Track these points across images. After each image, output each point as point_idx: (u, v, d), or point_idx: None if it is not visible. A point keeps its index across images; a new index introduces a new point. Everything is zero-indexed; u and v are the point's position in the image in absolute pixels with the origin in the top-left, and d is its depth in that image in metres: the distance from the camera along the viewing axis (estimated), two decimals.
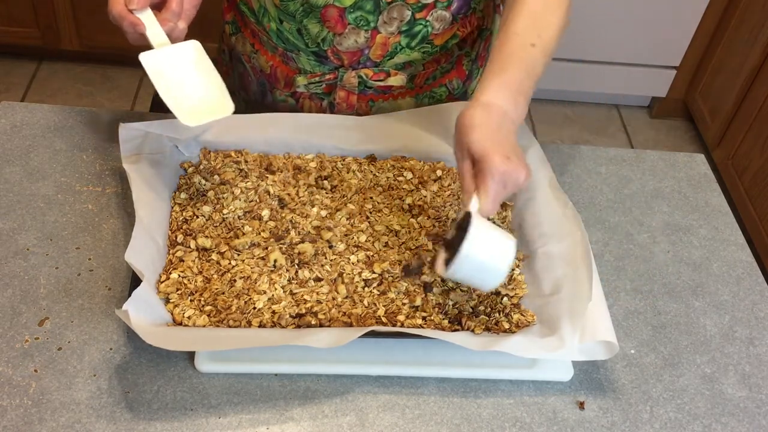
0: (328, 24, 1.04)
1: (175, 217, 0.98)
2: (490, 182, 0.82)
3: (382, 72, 1.10)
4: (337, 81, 1.12)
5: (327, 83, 1.12)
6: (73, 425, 0.80)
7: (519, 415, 0.87)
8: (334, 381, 0.88)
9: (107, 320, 0.90)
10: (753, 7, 2.50)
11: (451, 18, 1.08)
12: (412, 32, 1.06)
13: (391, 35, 1.06)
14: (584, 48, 2.74)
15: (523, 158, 0.85)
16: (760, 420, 0.90)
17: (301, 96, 1.17)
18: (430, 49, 1.10)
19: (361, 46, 1.06)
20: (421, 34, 1.07)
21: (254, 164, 1.06)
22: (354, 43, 1.06)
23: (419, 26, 1.06)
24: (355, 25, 1.04)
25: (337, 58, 1.09)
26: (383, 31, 1.05)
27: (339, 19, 1.03)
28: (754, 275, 1.08)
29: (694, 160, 1.27)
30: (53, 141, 1.13)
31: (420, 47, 1.09)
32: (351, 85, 1.11)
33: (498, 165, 0.81)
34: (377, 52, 1.08)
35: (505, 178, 0.82)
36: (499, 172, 0.81)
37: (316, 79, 1.12)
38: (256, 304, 0.88)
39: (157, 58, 0.90)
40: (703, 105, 2.79)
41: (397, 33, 1.06)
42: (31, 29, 2.66)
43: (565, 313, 0.87)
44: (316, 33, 1.06)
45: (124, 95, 2.79)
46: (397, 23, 1.04)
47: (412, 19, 1.05)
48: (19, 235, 0.99)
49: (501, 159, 0.81)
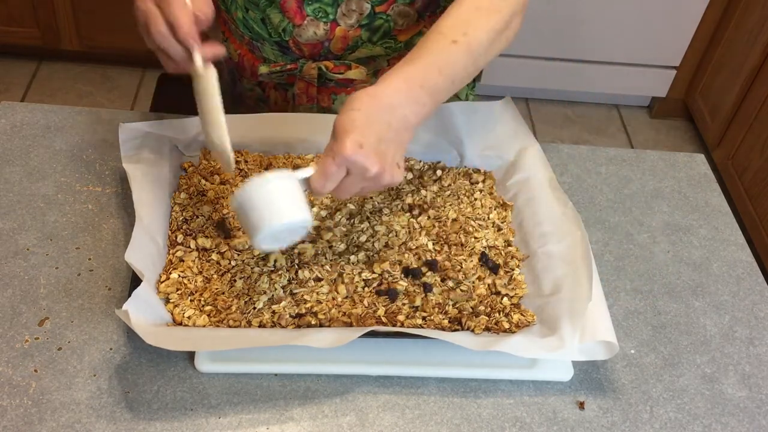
0: (288, 14, 1.04)
1: (175, 217, 0.98)
2: (328, 159, 0.77)
3: (342, 65, 1.10)
4: (297, 72, 1.12)
5: (288, 74, 1.12)
6: (73, 425, 0.80)
7: (519, 415, 0.87)
8: (334, 381, 0.88)
9: (107, 320, 0.90)
10: (753, 8, 2.50)
11: (416, 15, 1.07)
12: (373, 26, 1.05)
13: (351, 28, 1.05)
14: (584, 48, 2.74)
15: (391, 157, 0.79)
16: (760, 420, 0.90)
17: (267, 86, 1.17)
18: (394, 44, 1.09)
19: (320, 38, 1.06)
20: (382, 29, 1.06)
21: (254, 164, 1.06)
22: (313, 35, 1.06)
23: (380, 20, 1.05)
24: (313, 16, 1.03)
25: (299, 50, 1.09)
26: (342, 24, 1.05)
27: (297, 11, 1.03)
28: (754, 275, 1.08)
29: (694, 160, 1.27)
30: (53, 141, 1.13)
31: (382, 42, 1.08)
32: (310, 77, 1.11)
33: (344, 148, 0.76)
34: (338, 45, 1.07)
35: (349, 165, 0.77)
36: (342, 156, 0.76)
37: (278, 68, 1.12)
38: (256, 304, 0.88)
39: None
40: (703, 105, 2.79)
41: (357, 26, 1.05)
42: (31, 29, 2.66)
43: (565, 313, 0.87)
44: (278, 23, 1.06)
45: (124, 95, 2.79)
46: (356, 16, 1.04)
47: (372, 13, 1.04)
48: (19, 235, 0.99)
49: (352, 144, 0.76)
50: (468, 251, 0.98)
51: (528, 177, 1.06)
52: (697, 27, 2.68)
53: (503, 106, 1.15)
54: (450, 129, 1.12)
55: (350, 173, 0.78)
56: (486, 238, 1.00)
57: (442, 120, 1.11)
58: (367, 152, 0.76)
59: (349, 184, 0.79)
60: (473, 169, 1.12)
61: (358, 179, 0.79)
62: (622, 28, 2.68)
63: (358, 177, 0.78)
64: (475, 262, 0.97)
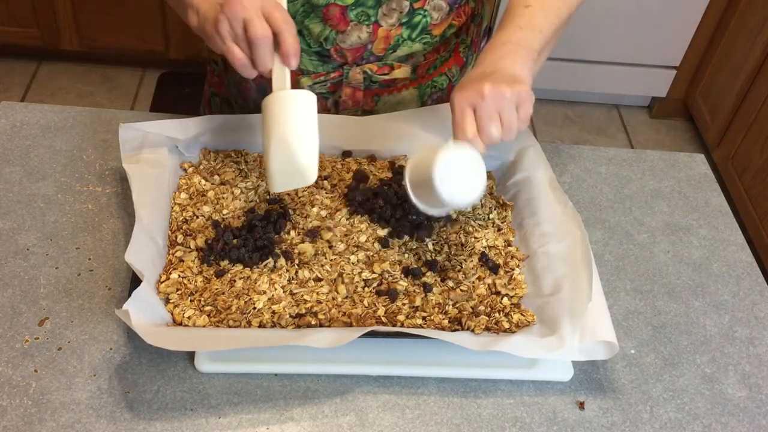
0: (331, 23, 1.04)
1: (175, 217, 0.98)
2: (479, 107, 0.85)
3: (385, 66, 1.11)
4: (342, 78, 1.12)
5: (332, 82, 1.12)
6: (73, 425, 0.80)
7: (519, 415, 0.87)
8: (334, 381, 0.88)
9: (107, 320, 0.90)
10: (753, 7, 2.50)
11: (447, 8, 1.08)
12: (412, 23, 1.07)
13: (392, 27, 1.06)
14: (584, 48, 2.74)
15: (519, 81, 0.86)
16: (760, 420, 0.90)
17: None
18: (430, 39, 1.10)
19: (364, 41, 1.07)
20: (420, 24, 1.07)
21: (254, 164, 1.06)
22: (357, 39, 1.06)
23: (418, 16, 1.06)
24: (357, 21, 1.04)
25: (341, 56, 1.09)
26: (384, 24, 1.05)
27: (341, 17, 1.03)
28: (754, 275, 1.08)
29: (694, 160, 1.27)
30: (53, 141, 1.13)
31: (420, 38, 1.09)
32: (357, 82, 1.12)
33: (487, 89, 0.84)
34: (380, 46, 1.08)
35: (485, 98, 0.84)
36: (468, 99, 0.85)
37: (321, 78, 1.12)
38: (256, 304, 0.88)
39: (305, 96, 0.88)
40: (703, 105, 2.79)
41: (398, 25, 1.06)
42: (31, 29, 2.66)
43: (565, 313, 0.87)
44: (318, 33, 1.06)
45: (124, 95, 2.79)
46: (396, 15, 1.05)
47: (411, 10, 1.05)
48: (19, 235, 0.99)
49: (479, 85, 0.85)
50: (468, 251, 0.98)
51: (528, 177, 1.07)
52: (697, 27, 2.68)
53: None
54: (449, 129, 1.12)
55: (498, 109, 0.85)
56: (486, 238, 1.00)
57: (442, 120, 1.11)
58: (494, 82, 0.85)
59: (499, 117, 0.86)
60: None
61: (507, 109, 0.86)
62: (622, 28, 2.68)
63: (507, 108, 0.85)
64: (475, 262, 0.97)
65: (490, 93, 0.84)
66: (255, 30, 0.83)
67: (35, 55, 2.86)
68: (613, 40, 2.72)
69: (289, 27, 0.85)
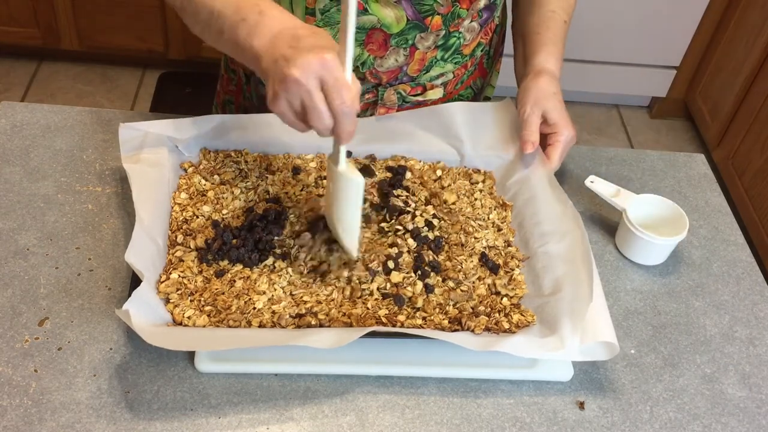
0: (370, 48, 1.05)
1: (175, 217, 0.98)
2: (561, 146, 1.07)
3: (418, 86, 1.12)
4: (377, 99, 1.12)
5: (366, 101, 1.12)
6: (73, 425, 0.80)
7: (519, 415, 0.87)
8: (334, 381, 0.88)
9: (107, 320, 0.90)
10: (753, 8, 2.50)
11: (479, 28, 1.11)
12: (447, 45, 1.09)
13: (428, 50, 1.08)
14: (584, 48, 2.74)
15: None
16: (760, 420, 0.90)
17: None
18: (461, 59, 1.13)
19: (400, 64, 1.08)
20: (454, 46, 1.09)
21: (254, 164, 1.06)
22: (394, 62, 1.07)
23: (453, 39, 1.08)
24: (396, 46, 1.05)
25: (375, 78, 1.09)
26: (421, 47, 1.07)
27: (383, 44, 1.05)
28: (754, 275, 1.08)
29: (694, 160, 1.27)
30: (53, 141, 1.13)
31: (452, 58, 1.11)
32: (391, 102, 1.12)
33: (567, 134, 1.07)
34: (414, 67, 1.09)
35: (570, 142, 1.08)
36: (566, 140, 1.07)
37: None
38: (255, 305, 0.88)
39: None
40: (703, 105, 2.79)
41: (434, 47, 1.08)
42: (31, 29, 2.66)
43: (565, 313, 0.87)
44: (356, 57, 1.05)
45: (124, 95, 2.79)
46: (433, 37, 1.06)
47: (447, 32, 1.06)
48: (19, 235, 0.99)
49: (569, 129, 1.07)
50: (468, 251, 0.98)
51: (528, 177, 1.07)
52: (697, 27, 2.68)
53: (503, 106, 1.15)
54: (450, 129, 1.12)
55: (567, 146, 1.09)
56: (486, 239, 1.00)
57: (442, 120, 1.11)
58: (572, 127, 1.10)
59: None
60: (473, 169, 1.12)
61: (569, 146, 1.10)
62: (622, 28, 2.68)
63: (570, 145, 1.10)
64: (476, 263, 0.97)
65: (574, 138, 1.08)
66: (312, 121, 0.80)
67: (35, 55, 2.86)
68: (613, 40, 2.72)
69: (347, 115, 0.80)
